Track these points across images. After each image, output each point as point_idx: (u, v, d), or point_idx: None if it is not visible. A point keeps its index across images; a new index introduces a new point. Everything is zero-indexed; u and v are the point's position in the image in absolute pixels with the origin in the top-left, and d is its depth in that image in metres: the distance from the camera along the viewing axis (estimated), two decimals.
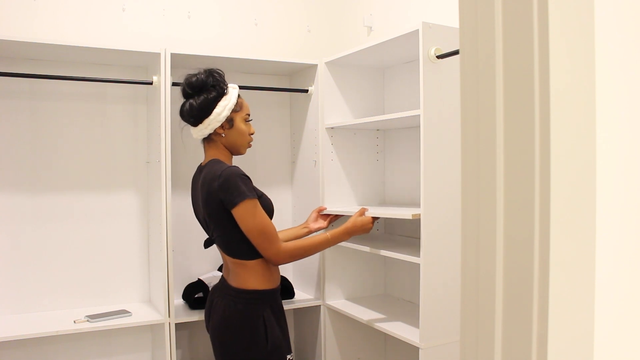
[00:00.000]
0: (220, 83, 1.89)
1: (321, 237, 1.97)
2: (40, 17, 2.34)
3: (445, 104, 1.91)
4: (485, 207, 0.68)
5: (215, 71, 1.90)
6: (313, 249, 1.95)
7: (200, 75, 1.88)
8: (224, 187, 1.75)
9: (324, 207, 2.39)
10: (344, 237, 2.03)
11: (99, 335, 2.42)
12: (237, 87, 1.96)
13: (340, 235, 2.01)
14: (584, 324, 0.62)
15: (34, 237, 2.35)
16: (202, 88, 1.87)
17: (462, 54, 0.72)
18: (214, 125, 1.88)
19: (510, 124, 0.65)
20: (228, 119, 1.90)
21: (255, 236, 1.79)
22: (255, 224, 1.78)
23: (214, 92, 1.87)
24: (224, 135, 1.91)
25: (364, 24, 2.72)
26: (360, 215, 2.08)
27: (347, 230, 2.03)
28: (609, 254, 0.63)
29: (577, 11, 0.61)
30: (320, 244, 1.97)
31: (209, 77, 1.87)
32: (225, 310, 1.83)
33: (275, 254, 1.83)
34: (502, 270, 0.66)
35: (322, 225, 2.30)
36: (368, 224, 2.06)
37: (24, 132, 2.33)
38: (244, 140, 1.95)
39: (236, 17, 2.74)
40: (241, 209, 1.76)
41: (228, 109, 1.88)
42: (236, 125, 1.92)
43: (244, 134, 1.94)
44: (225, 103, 1.88)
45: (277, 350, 1.82)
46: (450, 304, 1.92)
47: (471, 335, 0.70)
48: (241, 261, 1.84)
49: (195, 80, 1.87)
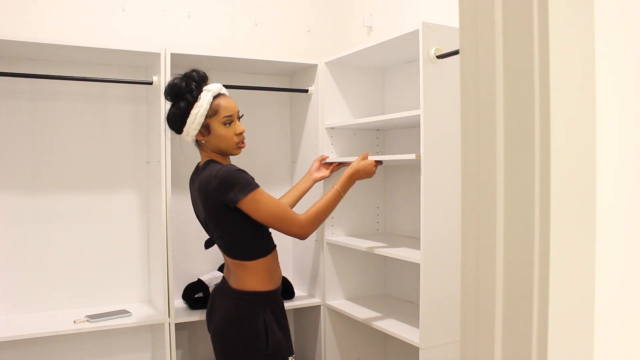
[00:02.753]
0: (191, 90, 1.80)
1: (332, 193, 1.97)
2: (40, 17, 2.34)
3: (445, 104, 1.91)
4: (485, 207, 0.68)
5: (189, 75, 1.82)
6: (330, 207, 1.95)
7: (176, 79, 1.82)
8: (223, 186, 1.73)
9: (326, 156, 2.39)
10: (350, 183, 2.02)
11: (99, 335, 2.42)
12: (216, 87, 1.84)
13: (347, 182, 2.01)
14: (584, 324, 0.62)
15: (34, 237, 2.35)
16: (176, 94, 1.82)
17: (462, 54, 0.72)
18: (192, 133, 1.83)
19: (510, 124, 0.65)
20: (204, 125, 1.82)
21: (273, 221, 1.79)
22: (267, 211, 1.77)
23: (184, 100, 1.80)
24: (205, 142, 1.86)
25: (364, 24, 2.72)
26: (363, 159, 2.07)
27: (351, 175, 2.02)
28: (609, 254, 0.63)
29: (577, 11, 0.61)
30: (334, 199, 1.96)
31: (182, 82, 1.81)
32: (225, 312, 1.83)
33: (299, 228, 1.83)
34: (502, 270, 0.66)
35: (324, 174, 2.31)
36: (371, 167, 2.06)
37: (24, 132, 2.33)
38: (229, 143, 1.86)
39: (236, 17, 2.74)
40: (248, 201, 1.74)
41: (200, 116, 1.80)
42: (214, 131, 1.83)
43: (226, 138, 1.84)
44: (196, 111, 1.79)
45: (278, 352, 1.82)
46: (450, 304, 1.92)
47: (471, 335, 0.70)
48: (241, 262, 1.84)
49: (169, 86, 1.83)
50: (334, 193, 1.97)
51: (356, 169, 2.04)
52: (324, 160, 2.37)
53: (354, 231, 2.57)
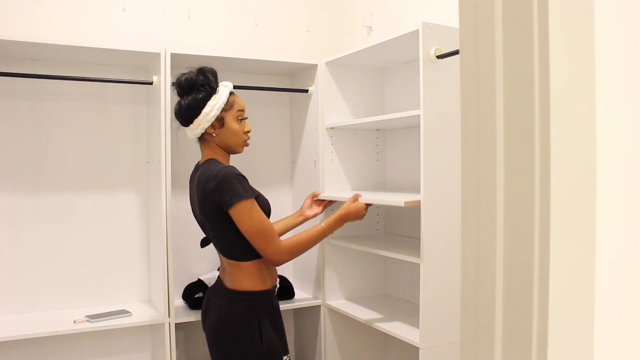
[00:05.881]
0: (209, 82, 1.85)
1: (317, 229, 1.95)
2: (40, 17, 2.34)
3: (445, 104, 1.91)
4: (485, 207, 0.68)
5: (206, 70, 1.87)
6: (311, 242, 1.93)
7: (190, 74, 1.86)
8: (220, 187, 1.73)
9: (318, 193, 2.36)
10: (338, 224, 2.01)
11: (99, 335, 2.42)
12: (231, 85, 1.91)
13: (335, 222, 1.99)
14: (584, 324, 0.62)
15: (34, 237, 2.35)
16: (191, 87, 1.85)
17: (462, 54, 0.72)
18: (204, 125, 1.85)
19: (510, 124, 0.65)
20: (218, 118, 1.86)
21: (254, 236, 1.78)
22: (252, 224, 1.77)
23: (203, 91, 1.84)
24: (215, 135, 1.88)
25: (364, 24, 2.72)
26: (354, 201, 2.06)
27: (340, 217, 2.01)
28: (609, 254, 0.63)
29: (577, 11, 0.61)
30: (318, 235, 1.94)
31: (198, 76, 1.85)
32: (220, 312, 1.83)
33: (275, 253, 1.81)
34: (502, 270, 0.66)
35: (317, 211, 2.28)
36: (362, 210, 2.04)
37: (24, 132, 2.33)
38: (238, 140, 1.91)
39: (236, 17, 2.74)
40: (238, 209, 1.74)
41: (217, 108, 1.84)
42: (227, 125, 1.88)
43: (237, 133, 1.89)
44: (214, 102, 1.84)
45: (272, 351, 1.82)
46: (450, 304, 1.92)
47: (471, 335, 0.70)
48: (236, 262, 1.84)
49: (184, 79, 1.85)
50: (320, 230, 1.95)
51: (347, 211, 2.02)
52: (316, 197, 2.34)
53: (354, 231, 2.57)
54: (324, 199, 2.32)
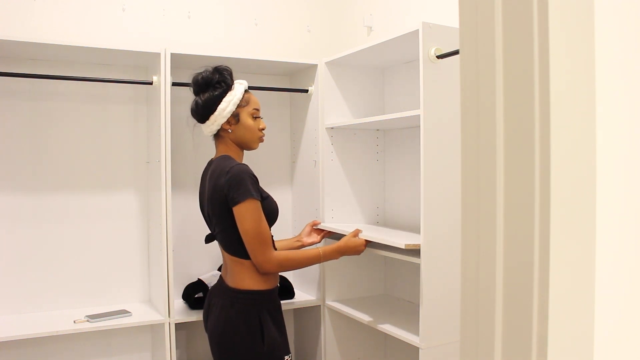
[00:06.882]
0: (225, 79, 1.90)
1: (313, 252, 1.97)
2: (40, 17, 2.34)
3: (445, 104, 1.91)
4: (485, 207, 0.68)
5: (222, 68, 1.92)
6: (303, 263, 1.95)
7: (206, 72, 1.91)
8: (231, 183, 1.76)
9: (318, 222, 2.38)
10: (335, 256, 2.02)
11: (99, 335, 2.41)
12: (246, 83, 1.97)
13: (332, 253, 2.01)
14: (584, 324, 0.62)
15: (34, 237, 2.34)
16: (208, 85, 1.90)
17: (462, 54, 0.72)
18: (220, 121, 1.89)
19: (510, 124, 0.65)
20: (234, 114, 1.90)
21: (250, 238, 1.79)
22: (252, 226, 1.78)
23: (219, 88, 1.89)
24: (231, 131, 1.91)
25: (364, 24, 2.72)
26: (354, 236, 2.07)
27: (339, 249, 2.02)
28: (609, 254, 0.63)
29: (577, 11, 0.61)
30: (312, 259, 1.96)
31: (215, 74, 1.90)
32: (222, 311, 1.83)
33: (265, 260, 1.81)
34: (502, 270, 0.66)
35: (315, 240, 2.29)
36: (360, 246, 2.05)
37: (24, 132, 2.33)
38: (253, 136, 1.95)
39: (236, 17, 2.74)
40: (242, 207, 1.76)
41: (233, 104, 1.89)
42: (242, 121, 1.92)
43: (252, 129, 1.94)
44: (230, 98, 1.89)
45: (274, 351, 1.82)
46: (450, 304, 1.92)
47: (471, 335, 0.70)
48: (239, 259, 1.84)
49: (201, 78, 1.90)
50: (315, 254, 1.96)
51: (347, 245, 2.03)
52: (316, 226, 2.35)
53: None
54: (324, 229, 2.33)
